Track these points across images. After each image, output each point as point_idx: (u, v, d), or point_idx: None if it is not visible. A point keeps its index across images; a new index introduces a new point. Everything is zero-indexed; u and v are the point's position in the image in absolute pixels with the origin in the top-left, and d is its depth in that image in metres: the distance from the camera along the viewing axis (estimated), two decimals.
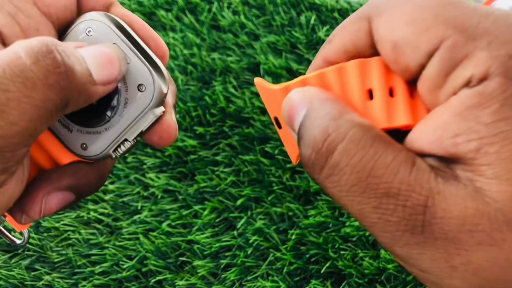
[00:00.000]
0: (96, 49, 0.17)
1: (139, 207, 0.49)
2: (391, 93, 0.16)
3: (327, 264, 0.44)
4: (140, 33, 0.20)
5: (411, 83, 0.16)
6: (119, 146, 0.20)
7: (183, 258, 0.46)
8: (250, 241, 0.46)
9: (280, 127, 0.19)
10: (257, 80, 0.19)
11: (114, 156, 0.20)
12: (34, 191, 0.19)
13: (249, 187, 0.49)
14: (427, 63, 0.14)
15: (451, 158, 0.13)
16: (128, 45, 0.19)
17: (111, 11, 0.20)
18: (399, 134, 0.16)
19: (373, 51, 0.16)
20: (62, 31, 0.20)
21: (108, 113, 0.19)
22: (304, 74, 0.18)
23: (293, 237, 0.45)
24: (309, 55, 0.62)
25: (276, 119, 0.19)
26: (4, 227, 0.21)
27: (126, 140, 0.19)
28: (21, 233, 0.22)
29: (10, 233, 0.21)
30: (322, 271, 0.43)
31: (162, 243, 0.47)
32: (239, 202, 0.48)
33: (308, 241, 0.45)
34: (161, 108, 0.20)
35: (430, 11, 0.14)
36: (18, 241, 0.22)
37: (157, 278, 0.45)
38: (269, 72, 0.60)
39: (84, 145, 0.20)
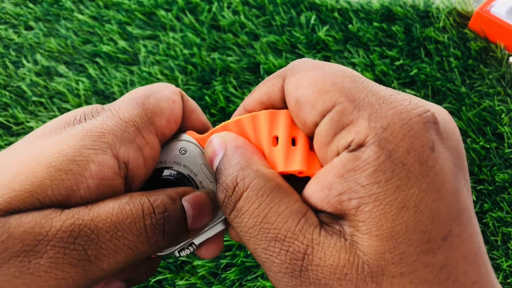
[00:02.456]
0: (197, 197, 0.20)
1: None
2: (294, 142, 0.18)
3: None
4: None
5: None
6: (186, 248, 0.21)
7: (183, 258, 0.46)
8: None
9: None
10: (188, 132, 0.21)
11: (178, 255, 0.21)
12: None
13: None
14: (320, 122, 0.16)
15: (339, 214, 0.16)
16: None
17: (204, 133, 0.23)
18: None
19: (284, 105, 0.19)
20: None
21: None
22: None
23: None
24: (309, 55, 0.62)
25: None
26: None
27: (193, 243, 0.21)
28: None
29: None
30: None
31: None
32: None
33: None
34: (227, 223, 0.22)
35: (331, 78, 0.16)
36: None
37: (157, 278, 0.45)
38: (269, 72, 0.60)
39: None
